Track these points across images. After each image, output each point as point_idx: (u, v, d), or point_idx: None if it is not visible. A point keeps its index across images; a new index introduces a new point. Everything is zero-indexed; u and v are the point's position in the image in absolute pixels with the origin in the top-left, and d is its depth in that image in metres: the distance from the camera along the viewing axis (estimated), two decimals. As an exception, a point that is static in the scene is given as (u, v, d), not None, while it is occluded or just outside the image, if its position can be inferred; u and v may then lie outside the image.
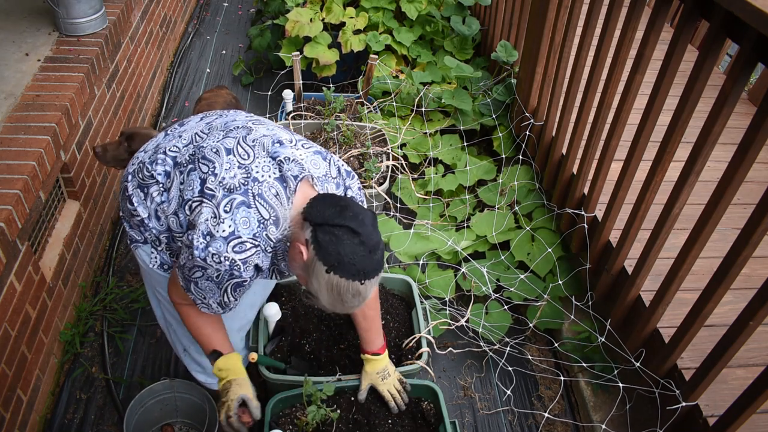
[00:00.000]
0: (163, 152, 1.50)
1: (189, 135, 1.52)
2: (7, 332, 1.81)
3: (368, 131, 3.01)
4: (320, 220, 1.24)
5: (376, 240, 1.26)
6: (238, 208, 1.30)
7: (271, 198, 1.33)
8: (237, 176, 1.33)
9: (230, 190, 1.32)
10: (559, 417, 2.21)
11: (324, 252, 1.22)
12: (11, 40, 2.60)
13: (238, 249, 1.30)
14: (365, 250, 1.23)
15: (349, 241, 1.22)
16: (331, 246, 1.21)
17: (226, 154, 1.37)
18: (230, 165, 1.35)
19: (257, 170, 1.34)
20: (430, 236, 2.65)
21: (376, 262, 1.26)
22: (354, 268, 1.22)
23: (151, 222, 1.50)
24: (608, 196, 2.10)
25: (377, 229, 1.29)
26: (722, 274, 1.53)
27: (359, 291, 1.26)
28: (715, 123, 1.52)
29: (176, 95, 3.81)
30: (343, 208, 1.25)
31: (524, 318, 2.47)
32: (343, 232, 1.22)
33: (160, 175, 1.47)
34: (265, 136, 1.42)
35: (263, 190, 1.33)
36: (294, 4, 3.47)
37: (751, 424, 1.59)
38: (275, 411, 1.81)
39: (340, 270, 1.22)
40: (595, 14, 2.15)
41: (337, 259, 1.21)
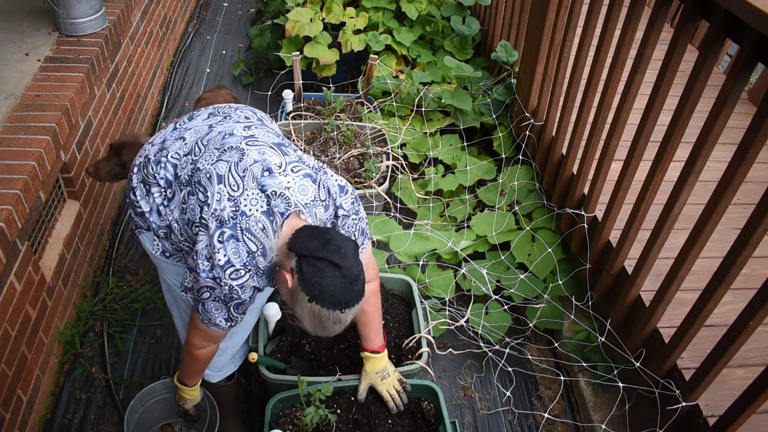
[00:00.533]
0: (166, 156, 1.55)
1: (191, 141, 1.55)
2: (7, 332, 1.81)
3: (368, 131, 3.01)
4: (305, 252, 1.31)
5: (356, 272, 1.33)
6: (228, 241, 1.37)
7: (258, 232, 1.39)
8: (227, 209, 1.39)
9: (221, 222, 1.38)
10: (559, 417, 2.21)
11: (307, 283, 1.30)
12: (11, 40, 2.60)
13: (234, 276, 1.38)
14: (346, 282, 1.30)
15: (331, 273, 1.29)
16: (314, 278, 1.29)
17: (218, 182, 1.42)
18: (221, 196, 1.41)
19: (245, 203, 1.40)
20: (430, 236, 2.65)
21: (356, 293, 1.34)
22: (335, 299, 1.30)
23: (152, 217, 1.57)
24: (608, 196, 2.10)
25: (359, 261, 1.36)
26: (722, 274, 1.53)
27: (339, 319, 1.34)
28: (715, 123, 1.52)
29: (176, 95, 3.81)
30: (327, 241, 1.32)
31: (524, 318, 2.47)
32: (325, 265, 1.29)
33: (162, 180, 1.54)
34: (255, 162, 1.44)
35: (251, 225, 1.38)
36: (294, 3, 3.47)
37: (751, 424, 1.59)
38: (275, 411, 1.81)
39: (321, 300, 1.30)
40: (595, 14, 2.15)
41: (319, 290, 1.29)
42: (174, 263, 1.65)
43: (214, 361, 1.85)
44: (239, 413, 2.11)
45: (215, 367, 1.88)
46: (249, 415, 2.17)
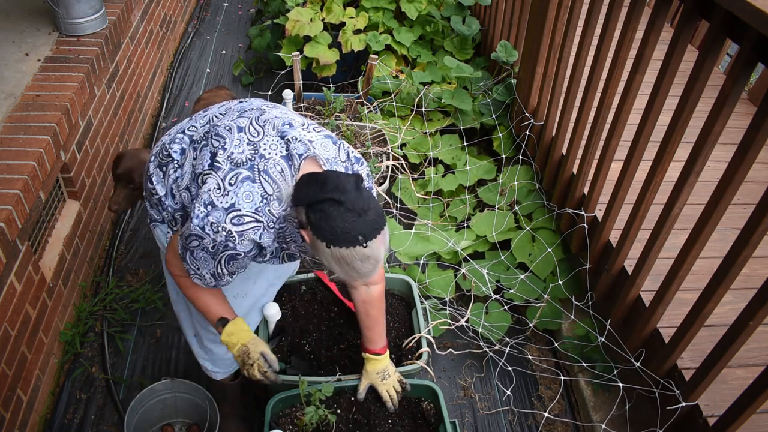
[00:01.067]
0: (182, 131, 1.55)
1: (208, 116, 1.57)
2: (7, 332, 1.81)
3: (368, 131, 3.01)
4: (306, 201, 1.28)
5: (362, 203, 1.27)
6: (243, 182, 1.34)
7: (276, 174, 1.36)
8: (245, 152, 1.38)
9: (237, 164, 1.36)
10: (559, 417, 2.21)
11: (318, 229, 1.26)
12: (11, 40, 2.60)
13: (236, 221, 1.34)
14: (354, 215, 1.25)
15: (336, 211, 1.24)
16: (322, 222, 1.25)
17: (238, 131, 1.42)
18: (240, 141, 1.39)
19: (265, 147, 1.38)
20: (430, 236, 2.65)
21: (371, 222, 1.27)
22: (349, 235, 1.24)
23: (167, 200, 1.55)
24: (608, 196, 2.10)
25: (362, 191, 1.29)
26: (722, 274, 1.54)
27: (366, 255, 1.27)
28: (715, 123, 1.52)
29: (176, 95, 3.81)
30: (323, 182, 1.27)
31: (524, 318, 2.47)
32: (327, 206, 1.25)
33: (176, 153, 1.52)
34: (277, 117, 1.46)
35: (269, 167, 1.36)
36: (294, 3, 3.47)
37: (751, 424, 1.59)
38: (275, 411, 1.81)
39: (337, 242, 1.25)
40: (595, 14, 2.15)
41: (331, 233, 1.24)
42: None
43: (220, 358, 1.84)
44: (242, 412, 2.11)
45: (222, 364, 1.87)
46: (249, 415, 2.17)
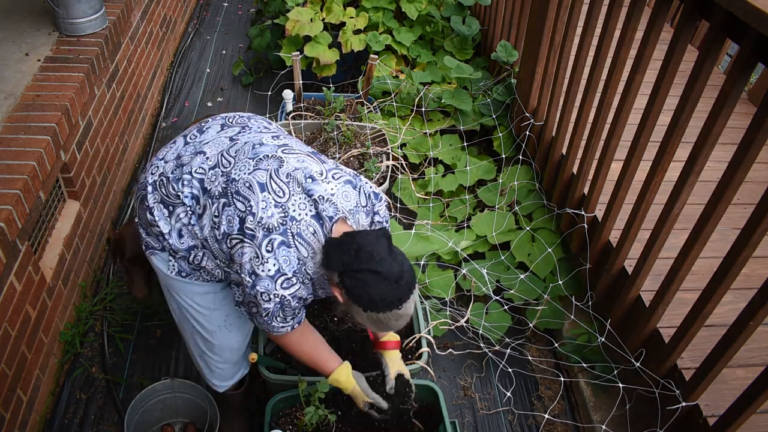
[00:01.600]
0: (189, 172, 1.48)
1: (214, 155, 1.50)
2: (7, 332, 1.81)
3: (368, 131, 3.01)
4: (341, 269, 1.32)
5: (397, 270, 1.33)
6: (279, 248, 1.35)
7: (309, 236, 1.38)
8: (275, 215, 1.36)
9: (269, 230, 1.36)
10: (559, 417, 2.21)
11: (355, 297, 1.33)
12: (11, 40, 2.60)
13: (286, 285, 1.37)
14: (390, 283, 1.31)
15: (373, 281, 1.30)
16: (359, 290, 1.31)
17: (261, 190, 1.39)
18: (266, 204, 1.37)
19: (294, 209, 1.38)
20: (430, 236, 2.65)
21: (405, 287, 1.33)
22: (386, 302, 1.32)
23: (172, 238, 1.51)
24: (608, 196, 2.10)
25: (395, 254, 1.35)
26: (722, 274, 1.53)
27: (399, 315, 1.35)
28: (715, 123, 1.52)
29: (176, 95, 3.81)
30: (357, 251, 1.31)
31: (524, 318, 2.47)
32: (364, 275, 1.30)
33: (188, 198, 1.47)
34: (297, 169, 1.43)
35: (302, 229, 1.37)
36: (294, 3, 3.47)
37: (751, 424, 1.59)
38: (275, 411, 1.81)
39: (374, 308, 1.32)
40: (595, 14, 2.15)
41: (368, 300, 1.31)
42: (191, 282, 1.60)
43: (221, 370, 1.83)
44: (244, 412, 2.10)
45: (226, 378, 1.86)
46: (249, 415, 2.16)
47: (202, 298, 1.64)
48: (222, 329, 1.70)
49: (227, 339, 1.73)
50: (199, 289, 1.62)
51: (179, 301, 1.65)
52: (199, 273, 1.57)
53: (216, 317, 1.68)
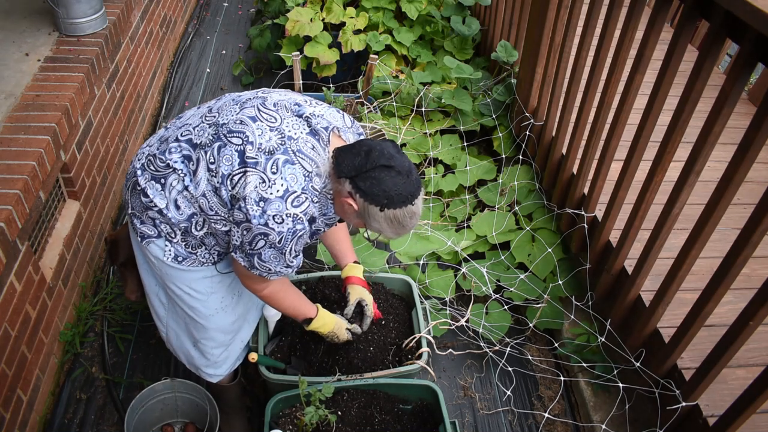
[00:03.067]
0: (175, 139, 1.52)
1: (196, 119, 1.54)
2: (7, 332, 1.81)
3: (368, 131, 3.01)
4: (354, 173, 1.35)
5: (407, 164, 1.38)
6: (284, 167, 1.38)
7: (309, 151, 1.42)
8: (272, 139, 1.41)
9: (271, 152, 1.39)
10: (559, 417, 2.21)
11: (372, 196, 1.34)
12: (11, 40, 2.60)
13: (297, 203, 1.39)
14: (403, 177, 1.35)
15: (387, 176, 1.34)
16: (375, 188, 1.34)
17: (252, 121, 1.43)
18: (261, 130, 1.42)
19: (289, 129, 1.43)
20: (430, 236, 2.65)
21: (416, 181, 1.38)
22: (401, 196, 1.35)
23: (170, 212, 1.51)
24: (608, 196, 2.10)
25: (402, 153, 1.40)
26: (722, 274, 1.53)
27: (414, 211, 1.39)
28: (715, 123, 1.52)
29: (176, 95, 3.81)
30: (367, 152, 1.35)
31: (524, 318, 2.47)
32: (378, 173, 1.33)
33: (178, 162, 1.48)
34: (282, 99, 1.50)
35: (301, 146, 1.41)
36: (294, 3, 3.47)
37: (751, 424, 1.59)
38: (275, 411, 1.81)
39: (391, 204, 1.35)
40: (595, 14, 2.15)
41: (386, 197, 1.34)
42: (186, 267, 1.60)
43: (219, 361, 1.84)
44: (244, 412, 2.11)
45: (220, 367, 1.87)
46: (249, 415, 2.16)
47: (200, 284, 1.66)
48: (219, 312, 1.74)
49: (222, 321, 1.76)
50: (196, 275, 1.64)
51: (174, 290, 1.66)
52: (195, 256, 1.59)
53: (213, 301, 1.70)
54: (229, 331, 1.81)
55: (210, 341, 1.79)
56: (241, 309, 1.82)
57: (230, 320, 1.79)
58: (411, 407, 1.91)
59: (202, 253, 1.60)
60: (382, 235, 1.46)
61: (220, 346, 1.82)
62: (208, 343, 1.79)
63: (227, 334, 1.81)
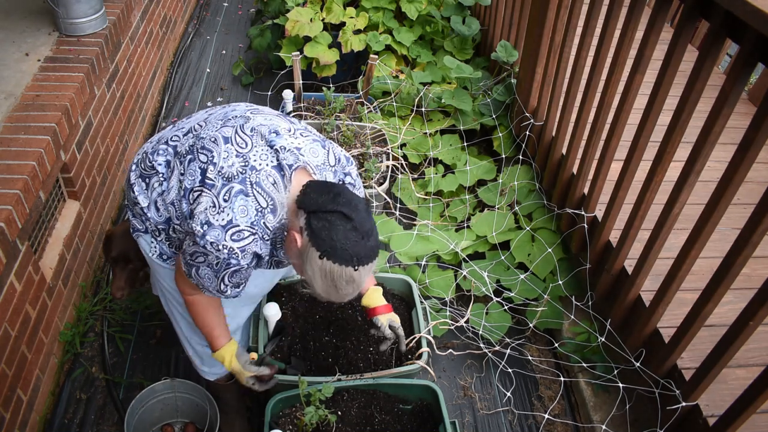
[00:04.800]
0: (165, 142, 1.53)
1: (190, 125, 1.55)
2: (7, 332, 1.81)
3: (368, 131, 3.01)
4: (314, 207, 1.26)
5: (369, 226, 1.27)
6: (236, 197, 1.32)
7: (268, 186, 1.35)
8: (235, 165, 1.35)
9: (229, 178, 1.34)
10: (559, 417, 2.21)
11: (317, 238, 1.24)
12: (11, 40, 2.60)
13: (236, 237, 1.32)
14: (358, 235, 1.24)
15: (342, 226, 1.23)
16: (324, 232, 1.23)
17: (224, 143, 1.39)
18: (228, 154, 1.37)
19: (255, 158, 1.36)
20: (430, 237, 2.65)
21: (370, 248, 1.27)
22: (347, 253, 1.23)
23: (150, 212, 1.53)
24: (608, 196, 2.10)
25: (371, 216, 1.30)
26: (722, 274, 1.53)
27: (353, 277, 1.27)
28: (715, 123, 1.52)
29: (176, 95, 3.81)
30: (336, 194, 1.27)
31: (524, 318, 2.47)
32: (335, 218, 1.24)
33: (161, 165, 1.50)
34: (262, 125, 1.43)
35: (261, 179, 1.34)
36: (294, 3, 3.47)
37: (751, 424, 1.59)
38: (275, 411, 1.81)
39: (333, 256, 1.23)
40: (595, 14, 2.15)
41: (330, 245, 1.23)
42: (171, 267, 1.62)
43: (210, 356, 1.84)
44: (244, 412, 2.11)
45: (211, 362, 1.87)
46: (249, 415, 2.16)
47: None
48: None
49: None
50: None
51: (165, 286, 1.68)
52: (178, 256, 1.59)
53: None
54: None
55: (202, 340, 1.78)
56: (229, 310, 1.80)
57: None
58: (411, 407, 1.91)
59: None
60: (313, 290, 1.34)
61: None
62: (200, 341, 1.79)
63: None
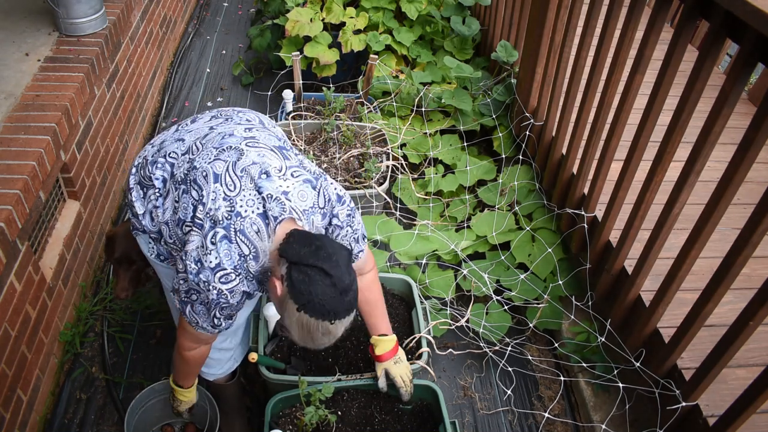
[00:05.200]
0: (164, 156, 1.53)
1: (190, 142, 1.54)
2: (7, 332, 1.81)
3: (368, 131, 3.01)
4: (295, 259, 1.27)
5: (348, 282, 1.29)
6: (221, 242, 1.34)
7: (252, 234, 1.36)
8: (221, 208, 1.36)
9: (215, 222, 1.35)
10: (559, 417, 2.21)
11: (296, 291, 1.26)
12: (11, 40, 2.60)
13: (224, 280, 1.35)
14: (336, 291, 1.26)
15: (321, 282, 1.25)
16: (303, 285, 1.25)
17: (214, 181, 1.39)
18: (216, 195, 1.38)
19: (241, 204, 1.37)
20: (430, 236, 2.65)
21: (347, 304, 1.29)
22: (324, 308, 1.26)
23: (145, 220, 1.55)
24: (608, 196, 2.10)
25: (351, 270, 1.32)
26: (722, 274, 1.53)
27: (329, 330, 1.30)
28: (715, 123, 1.52)
29: (176, 95, 3.81)
30: (318, 248, 1.28)
31: (524, 318, 2.47)
32: (315, 273, 1.25)
33: (158, 180, 1.52)
34: (254, 163, 1.41)
35: (245, 227, 1.35)
36: (294, 3, 3.47)
37: (751, 424, 1.59)
38: (275, 411, 1.81)
39: (310, 310, 1.26)
40: (595, 14, 2.15)
41: (308, 299, 1.25)
42: (168, 267, 1.64)
43: (215, 360, 1.85)
44: (244, 412, 2.11)
45: (216, 366, 1.87)
46: (249, 415, 2.16)
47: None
48: None
49: None
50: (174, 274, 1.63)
51: (166, 284, 1.71)
52: (174, 259, 1.60)
53: None
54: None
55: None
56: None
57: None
58: (411, 407, 1.91)
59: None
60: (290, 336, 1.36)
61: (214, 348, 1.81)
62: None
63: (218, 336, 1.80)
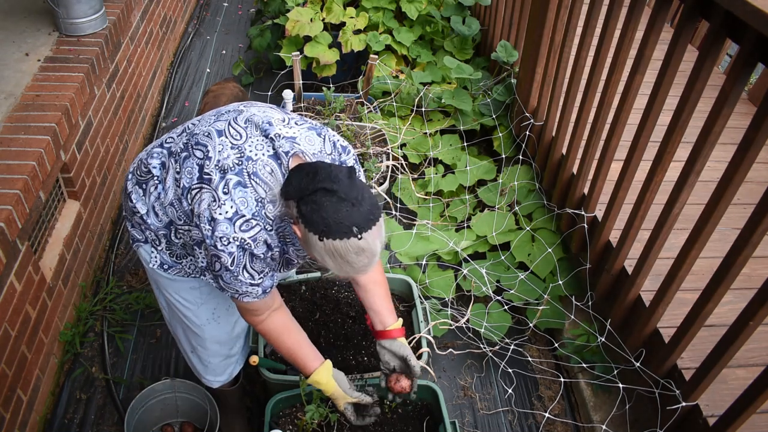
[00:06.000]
0: (160, 145, 1.50)
1: (183, 125, 1.52)
2: (7, 332, 1.81)
3: (368, 131, 3.01)
4: (298, 194, 1.22)
5: (356, 193, 1.20)
6: (235, 189, 1.29)
7: (266, 176, 1.31)
8: (230, 156, 1.32)
9: (225, 171, 1.30)
10: (559, 417, 2.21)
11: (309, 222, 1.19)
12: (11, 40, 2.60)
13: (245, 227, 1.29)
14: (347, 204, 1.19)
15: (328, 201, 1.18)
16: (314, 214, 1.19)
17: (218, 135, 1.35)
18: (223, 146, 1.33)
19: (250, 149, 1.33)
20: (430, 236, 2.65)
21: (366, 212, 1.20)
22: (343, 225, 1.18)
23: (150, 218, 1.49)
24: (608, 196, 2.10)
25: (355, 180, 1.23)
26: (722, 274, 1.53)
27: (361, 247, 1.20)
28: (715, 123, 1.52)
29: (176, 95, 3.81)
30: (314, 173, 1.21)
31: (524, 318, 2.47)
32: (320, 196, 1.19)
33: (155, 168, 1.46)
34: (255, 115, 1.40)
35: (258, 169, 1.31)
36: (294, 3, 3.47)
37: (751, 424, 1.59)
38: (275, 411, 1.81)
39: (330, 233, 1.18)
40: (595, 14, 2.15)
41: (323, 224, 1.18)
42: (172, 276, 1.59)
43: (219, 368, 1.83)
44: (244, 412, 2.11)
45: (220, 373, 1.86)
46: (249, 415, 2.16)
47: (189, 294, 1.63)
48: (210, 322, 1.70)
49: (216, 331, 1.73)
50: (184, 285, 1.61)
51: (167, 297, 1.65)
52: (180, 266, 1.56)
53: (203, 312, 1.67)
54: (225, 341, 1.78)
55: (206, 350, 1.76)
56: (235, 320, 1.79)
57: (226, 331, 1.75)
58: (411, 407, 1.91)
59: (187, 263, 1.56)
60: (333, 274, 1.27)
61: (217, 355, 1.79)
62: (205, 351, 1.77)
63: (223, 345, 1.78)
